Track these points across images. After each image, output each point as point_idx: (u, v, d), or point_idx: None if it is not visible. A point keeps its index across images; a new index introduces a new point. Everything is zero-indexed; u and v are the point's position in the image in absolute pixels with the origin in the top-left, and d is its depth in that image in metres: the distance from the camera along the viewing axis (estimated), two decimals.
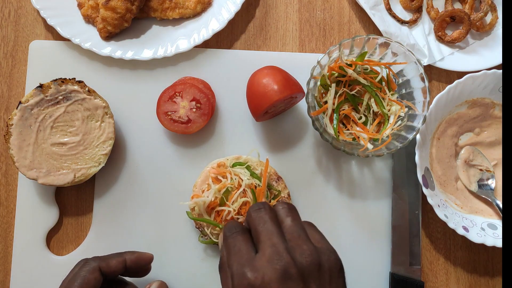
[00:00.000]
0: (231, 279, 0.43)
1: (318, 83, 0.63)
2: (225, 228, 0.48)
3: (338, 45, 0.61)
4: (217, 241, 0.63)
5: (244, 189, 0.61)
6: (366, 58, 0.64)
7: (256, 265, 0.42)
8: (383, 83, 0.65)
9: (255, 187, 0.61)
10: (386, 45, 0.62)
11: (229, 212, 0.60)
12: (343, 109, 0.64)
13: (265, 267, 0.41)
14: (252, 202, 0.61)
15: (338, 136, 0.63)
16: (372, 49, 0.64)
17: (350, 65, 0.62)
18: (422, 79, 0.61)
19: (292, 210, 0.47)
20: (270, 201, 0.63)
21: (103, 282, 0.54)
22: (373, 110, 0.64)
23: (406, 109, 0.63)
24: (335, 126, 0.63)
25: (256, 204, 0.47)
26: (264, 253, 0.42)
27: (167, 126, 0.65)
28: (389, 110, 0.64)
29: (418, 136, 0.63)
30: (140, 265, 0.57)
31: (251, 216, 0.46)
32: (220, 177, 0.63)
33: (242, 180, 0.61)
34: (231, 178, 0.62)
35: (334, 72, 0.63)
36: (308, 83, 0.61)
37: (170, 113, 0.65)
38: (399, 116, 0.64)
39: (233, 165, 0.64)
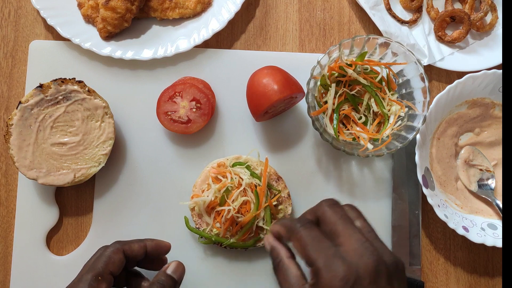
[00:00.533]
0: (317, 274, 0.41)
1: (318, 83, 0.63)
2: (286, 223, 0.46)
3: (338, 45, 0.61)
4: (216, 238, 0.62)
5: (244, 188, 0.61)
6: (366, 58, 0.64)
7: (347, 258, 0.40)
8: (383, 83, 0.65)
9: (255, 186, 0.61)
10: (386, 45, 0.62)
11: (229, 211, 0.60)
12: (343, 109, 0.64)
13: (357, 261, 0.40)
14: (254, 202, 0.61)
15: (338, 136, 0.63)
16: (372, 49, 0.64)
17: (350, 65, 0.62)
18: (422, 79, 0.61)
19: (361, 213, 0.47)
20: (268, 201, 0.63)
21: (122, 270, 0.54)
22: (373, 110, 0.64)
23: (406, 109, 0.63)
24: (335, 126, 0.63)
25: (328, 199, 0.46)
26: (350, 247, 0.41)
27: (167, 126, 0.65)
28: (389, 110, 0.64)
29: (418, 136, 0.63)
30: (159, 252, 0.57)
31: (325, 210, 0.45)
32: (220, 177, 0.63)
33: (242, 180, 0.61)
34: (231, 177, 0.62)
35: (334, 72, 0.63)
36: (308, 83, 0.61)
37: (170, 113, 0.65)
38: (399, 116, 0.64)
39: (233, 165, 0.64)
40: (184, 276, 0.56)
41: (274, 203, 0.63)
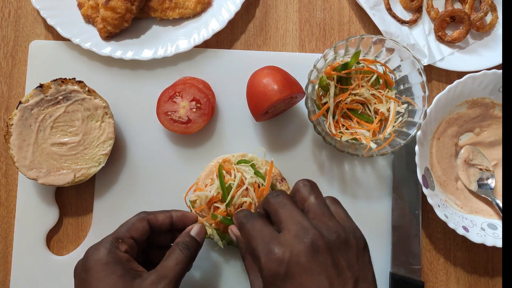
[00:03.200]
0: (258, 261, 0.43)
1: (316, 86, 0.63)
2: (239, 217, 0.48)
3: (333, 47, 0.61)
4: (218, 232, 0.62)
5: (247, 187, 0.61)
6: (361, 57, 0.64)
7: (282, 241, 0.42)
8: (380, 80, 0.65)
9: (258, 186, 0.61)
10: (380, 42, 0.62)
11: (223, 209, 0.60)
12: (346, 103, 0.64)
13: (292, 242, 0.41)
14: (255, 203, 0.61)
15: (340, 134, 0.63)
16: (367, 48, 0.64)
17: (345, 66, 0.62)
18: (420, 74, 0.61)
19: (314, 187, 0.47)
20: None
21: (154, 245, 0.56)
22: (373, 108, 0.65)
23: (406, 105, 0.64)
24: (330, 120, 0.63)
25: (273, 191, 0.48)
26: (290, 230, 0.42)
27: (167, 126, 0.65)
28: (388, 109, 0.64)
29: (419, 133, 0.63)
30: (185, 222, 0.57)
31: (269, 202, 0.46)
32: (224, 173, 0.63)
33: (246, 178, 0.61)
34: (235, 174, 0.62)
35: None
36: (306, 88, 0.61)
37: (170, 113, 0.65)
38: (399, 112, 0.64)
39: (238, 162, 0.64)
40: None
41: None
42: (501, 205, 0.67)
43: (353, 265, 0.42)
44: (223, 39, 0.73)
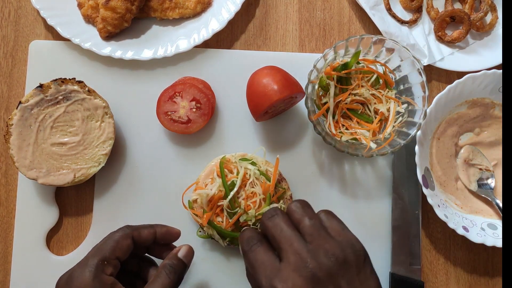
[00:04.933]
0: None
1: (316, 86, 0.63)
2: (242, 242, 0.48)
3: (333, 47, 0.61)
4: (221, 230, 0.62)
5: (252, 181, 0.61)
6: (361, 57, 0.64)
7: (283, 276, 0.42)
8: (380, 80, 0.65)
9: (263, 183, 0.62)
10: (380, 42, 0.62)
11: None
12: (346, 103, 0.64)
13: (292, 276, 0.42)
14: (260, 196, 0.61)
15: (340, 134, 0.63)
16: (367, 48, 0.64)
17: (345, 66, 0.62)
18: (420, 74, 0.61)
19: (306, 207, 0.48)
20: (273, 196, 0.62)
21: (132, 255, 0.54)
22: (373, 108, 0.65)
23: (405, 105, 0.64)
24: (330, 120, 0.63)
25: (268, 212, 0.48)
26: (289, 262, 0.43)
27: (167, 126, 0.65)
28: (388, 109, 0.64)
29: (419, 133, 0.63)
30: (168, 239, 0.57)
31: (266, 225, 0.47)
32: (226, 171, 0.63)
33: (250, 170, 0.61)
34: (237, 171, 0.62)
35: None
36: (306, 88, 0.61)
37: (170, 113, 0.65)
38: (399, 112, 0.64)
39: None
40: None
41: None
42: (501, 205, 0.67)
43: (354, 283, 0.43)
44: (223, 39, 0.73)
